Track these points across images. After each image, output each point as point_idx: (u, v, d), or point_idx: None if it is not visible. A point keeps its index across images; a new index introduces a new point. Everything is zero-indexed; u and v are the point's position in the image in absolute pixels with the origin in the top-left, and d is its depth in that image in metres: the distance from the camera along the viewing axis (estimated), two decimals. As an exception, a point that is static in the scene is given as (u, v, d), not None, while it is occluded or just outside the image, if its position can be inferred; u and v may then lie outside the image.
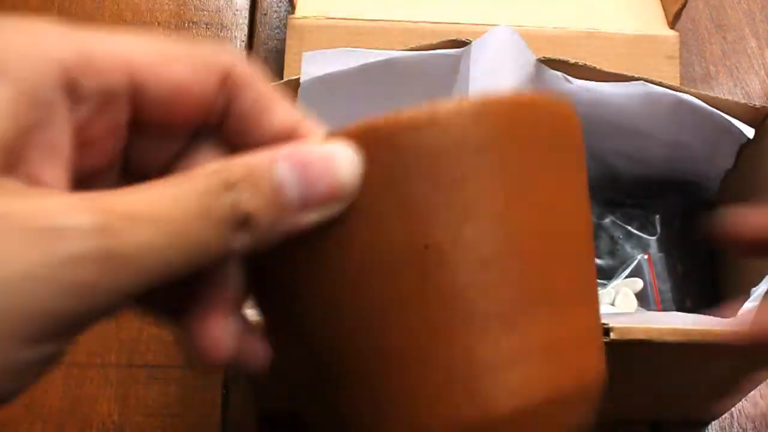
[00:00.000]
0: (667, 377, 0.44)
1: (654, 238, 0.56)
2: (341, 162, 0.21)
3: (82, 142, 0.21)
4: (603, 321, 0.37)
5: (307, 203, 0.20)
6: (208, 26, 0.65)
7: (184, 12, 0.65)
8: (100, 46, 0.21)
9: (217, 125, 0.23)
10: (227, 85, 0.22)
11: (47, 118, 0.20)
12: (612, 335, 0.37)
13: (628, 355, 0.40)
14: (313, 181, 0.20)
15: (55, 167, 0.20)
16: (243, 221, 0.20)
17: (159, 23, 0.64)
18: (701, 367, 0.43)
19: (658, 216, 0.56)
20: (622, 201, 0.56)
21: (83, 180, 0.22)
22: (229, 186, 0.20)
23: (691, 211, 0.55)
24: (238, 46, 0.64)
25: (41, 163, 0.20)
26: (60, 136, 0.20)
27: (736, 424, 0.51)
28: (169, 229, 0.19)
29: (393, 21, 0.58)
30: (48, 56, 0.20)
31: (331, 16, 0.58)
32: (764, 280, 0.39)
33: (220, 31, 0.64)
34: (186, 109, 0.22)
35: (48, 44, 0.20)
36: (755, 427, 0.51)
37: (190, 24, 0.64)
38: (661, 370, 0.42)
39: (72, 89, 0.20)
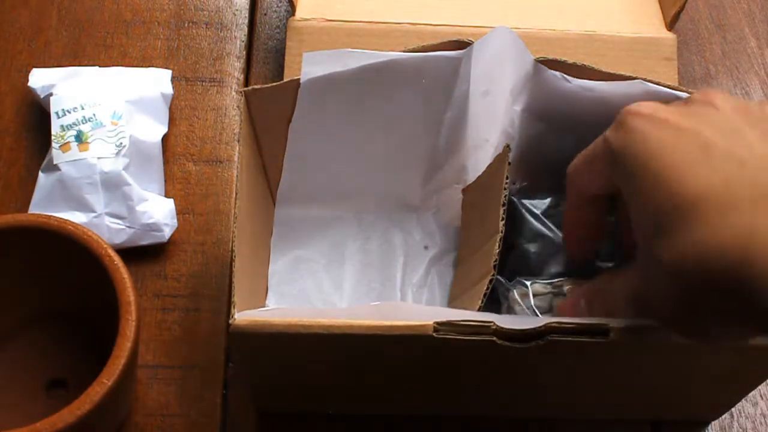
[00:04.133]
0: (667, 377, 0.44)
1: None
2: None
3: None
4: (603, 321, 0.37)
5: None
6: (208, 26, 0.65)
7: (183, 12, 0.65)
8: None
9: None
10: None
11: None
12: (612, 335, 0.37)
13: (628, 355, 0.40)
14: None
15: None
16: None
17: (159, 23, 0.64)
18: (701, 367, 0.43)
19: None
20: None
21: None
22: None
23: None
24: (238, 46, 0.64)
25: None
26: None
27: (735, 424, 0.51)
28: None
29: (393, 23, 0.58)
30: None
31: (330, 18, 0.58)
32: None
33: (220, 31, 0.64)
34: None
35: None
36: (755, 427, 0.51)
37: (190, 24, 0.64)
38: (661, 370, 0.42)
39: None
